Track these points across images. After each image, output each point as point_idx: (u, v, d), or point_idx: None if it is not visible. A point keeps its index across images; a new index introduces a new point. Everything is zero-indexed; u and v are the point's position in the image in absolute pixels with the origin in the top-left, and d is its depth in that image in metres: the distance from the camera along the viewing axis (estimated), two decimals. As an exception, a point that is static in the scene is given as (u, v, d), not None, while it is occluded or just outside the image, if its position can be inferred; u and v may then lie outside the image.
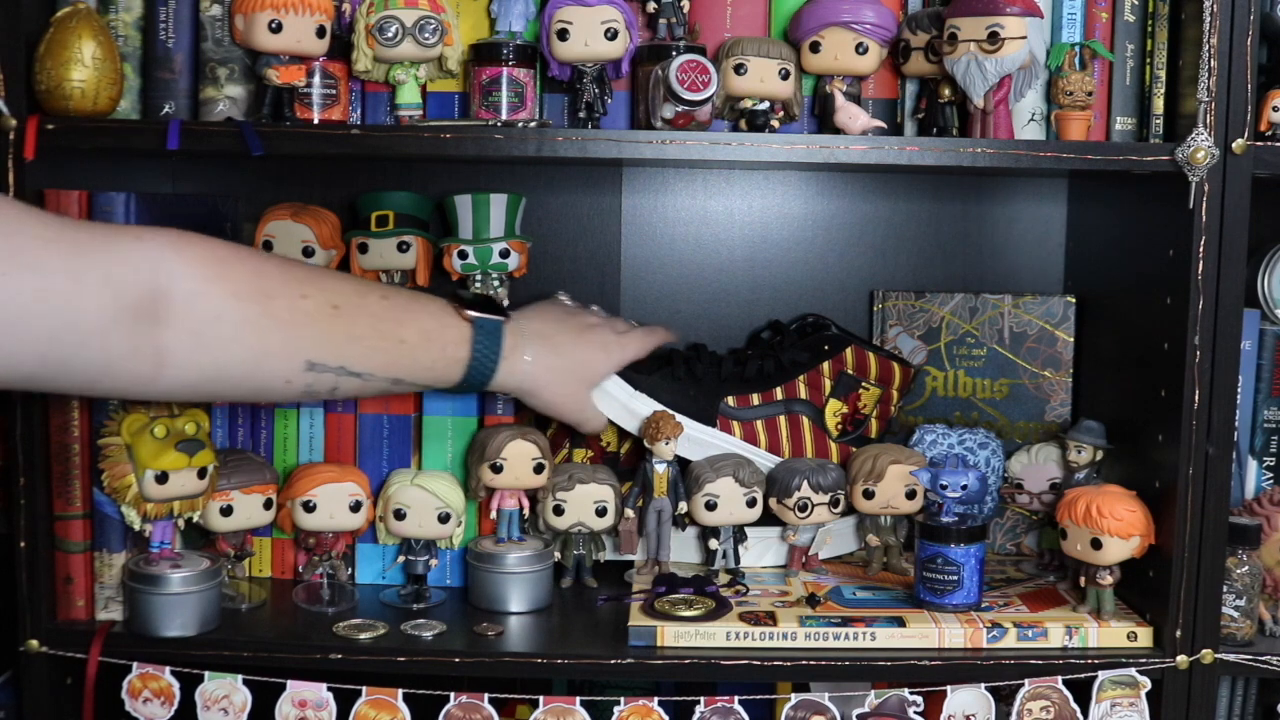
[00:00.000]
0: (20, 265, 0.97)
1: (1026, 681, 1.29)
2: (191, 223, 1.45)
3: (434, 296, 1.26)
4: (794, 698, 1.28)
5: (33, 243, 0.99)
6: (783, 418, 1.44)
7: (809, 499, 1.44)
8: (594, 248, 1.65)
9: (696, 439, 1.43)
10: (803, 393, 1.45)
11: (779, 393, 1.45)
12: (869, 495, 1.45)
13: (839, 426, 1.46)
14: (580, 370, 1.34)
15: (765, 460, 1.44)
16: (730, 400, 1.43)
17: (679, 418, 1.39)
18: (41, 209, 1.09)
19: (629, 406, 1.40)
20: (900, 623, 1.32)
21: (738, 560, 1.46)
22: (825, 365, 1.46)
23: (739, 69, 1.34)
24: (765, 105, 1.36)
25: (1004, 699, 1.31)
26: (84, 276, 1.01)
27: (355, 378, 1.17)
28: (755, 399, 1.44)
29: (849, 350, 1.47)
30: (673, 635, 1.30)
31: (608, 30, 1.32)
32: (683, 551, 1.50)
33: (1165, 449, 1.31)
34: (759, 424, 1.44)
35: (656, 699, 1.28)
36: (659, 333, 1.44)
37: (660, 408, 1.39)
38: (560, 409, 1.35)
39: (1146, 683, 1.29)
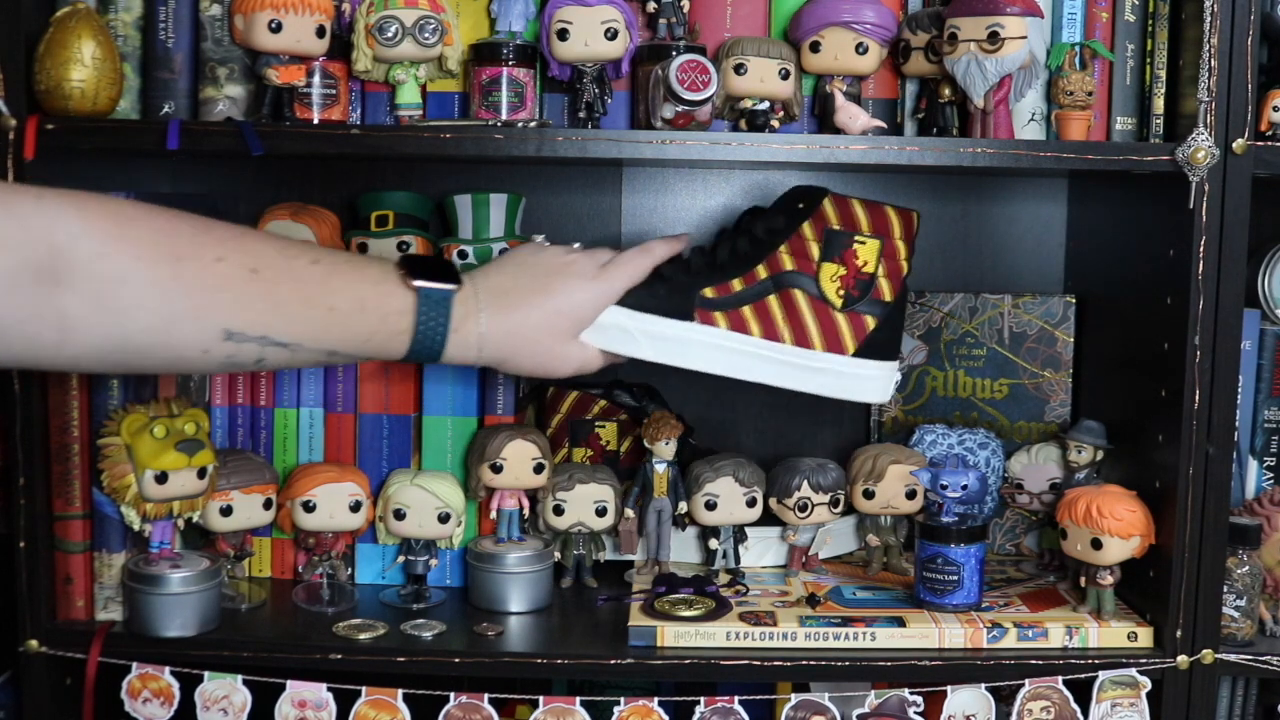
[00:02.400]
0: None
1: (1027, 682, 1.28)
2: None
3: (380, 260, 1.14)
4: (794, 698, 1.28)
5: None
6: (773, 297, 1.24)
7: (809, 499, 1.44)
8: (594, 248, 1.65)
9: (676, 338, 1.23)
10: (788, 264, 1.25)
11: (762, 271, 1.25)
12: (869, 495, 1.45)
13: (841, 293, 1.25)
14: (556, 320, 1.18)
15: (764, 350, 1.24)
16: (708, 292, 1.23)
17: (646, 318, 1.23)
18: None
19: (606, 325, 1.21)
20: (900, 623, 1.32)
21: (738, 560, 1.46)
22: (805, 227, 1.26)
23: (739, 69, 1.33)
24: (765, 105, 1.36)
25: (1004, 699, 1.31)
26: None
27: (281, 348, 1.07)
28: (736, 284, 1.24)
29: (827, 202, 1.27)
30: (673, 635, 1.30)
31: (608, 30, 1.32)
32: (683, 551, 1.50)
33: (1165, 449, 1.31)
34: (746, 310, 1.23)
35: (656, 699, 1.28)
36: (657, 245, 1.26)
37: (626, 313, 1.21)
38: (539, 370, 1.20)
39: (1147, 683, 1.29)
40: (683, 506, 1.44)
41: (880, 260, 1.27)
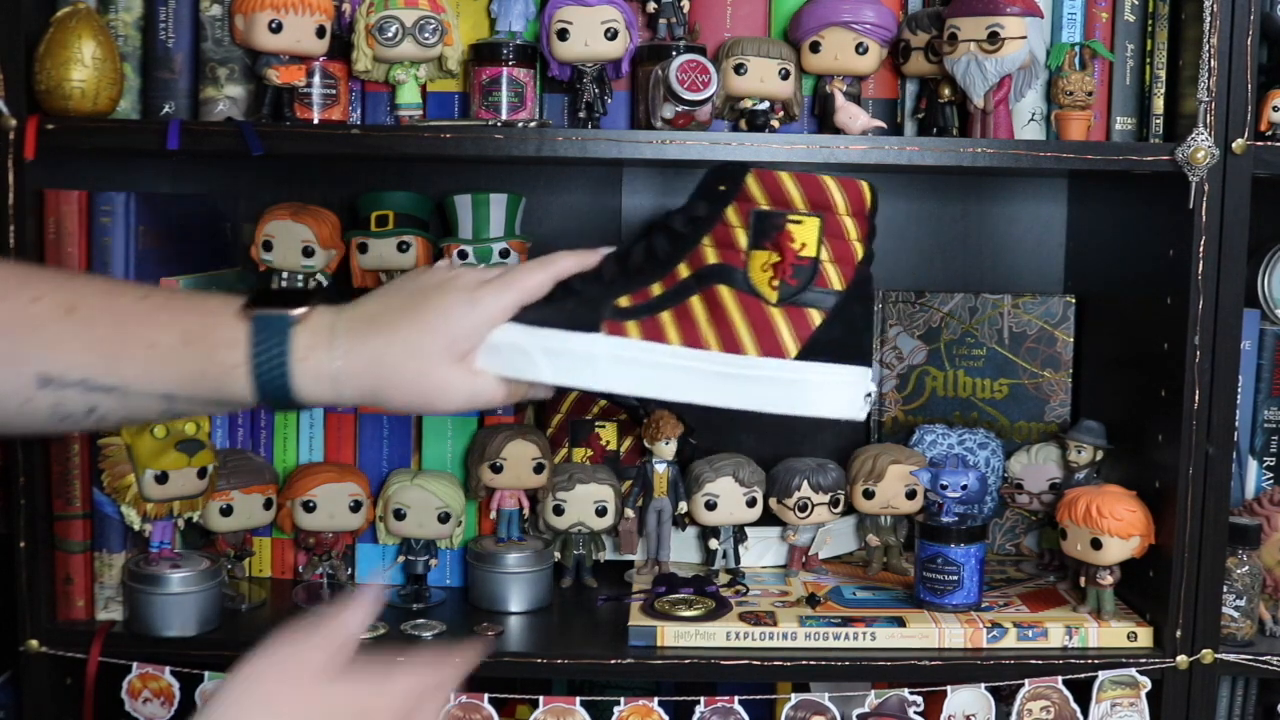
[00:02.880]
0: None
1: (1026, 681, 1.28)
2: (192, 223, 1.46)
3: (227, 296, 0.99)
4: (794, 698, 1.28)
5: None
6: (695, 298, 1.02)
7: (809, 499, 1.44)
8: (594, 247, 1.64)
9: (578, 355, 1.01)
10: (712, 257, 1.03)
11: (684, 269, 1.03)
12: (869, 495, 1.45)
13: (775, 284, 1.03)
14: (427, 342, 1.00)
15: (684, 361, 1.01)
16: (622, 301, 1.02)
17: (547, 333, 1.01)
18: None
19: (499, 345, 1.00)
20: (900, 623, 1.32)
21: (738, 560, 1.46)
22: (729, 212, 1.04)
23: (739, 69, 1.33)
24: (765, 105, 1.36)
25: (1004, 699, 1.31)
26: None
27: (108, 394, 0.95)
28: (656, 289, 1.03)
29: (749, 178, 1.04)
30: (673, 635, 1.30)
31: (608, 30, 1.32)
32: (683, 551, 1.50)
33: (1165, 449, 1.31)
34: (665, 316, 1.01)
35: (656, 699, 1.28)
36: (562, 258, 1.06)
37: (521, 330, 1.00)
38: (418, 403, 1.01)
39: (1146, 683, 1.29)
40: (683, 506, 1.44)
41: (822, 241, 1.04)
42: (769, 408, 1.01)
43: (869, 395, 1.02)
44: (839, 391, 1.01)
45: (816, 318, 1.02)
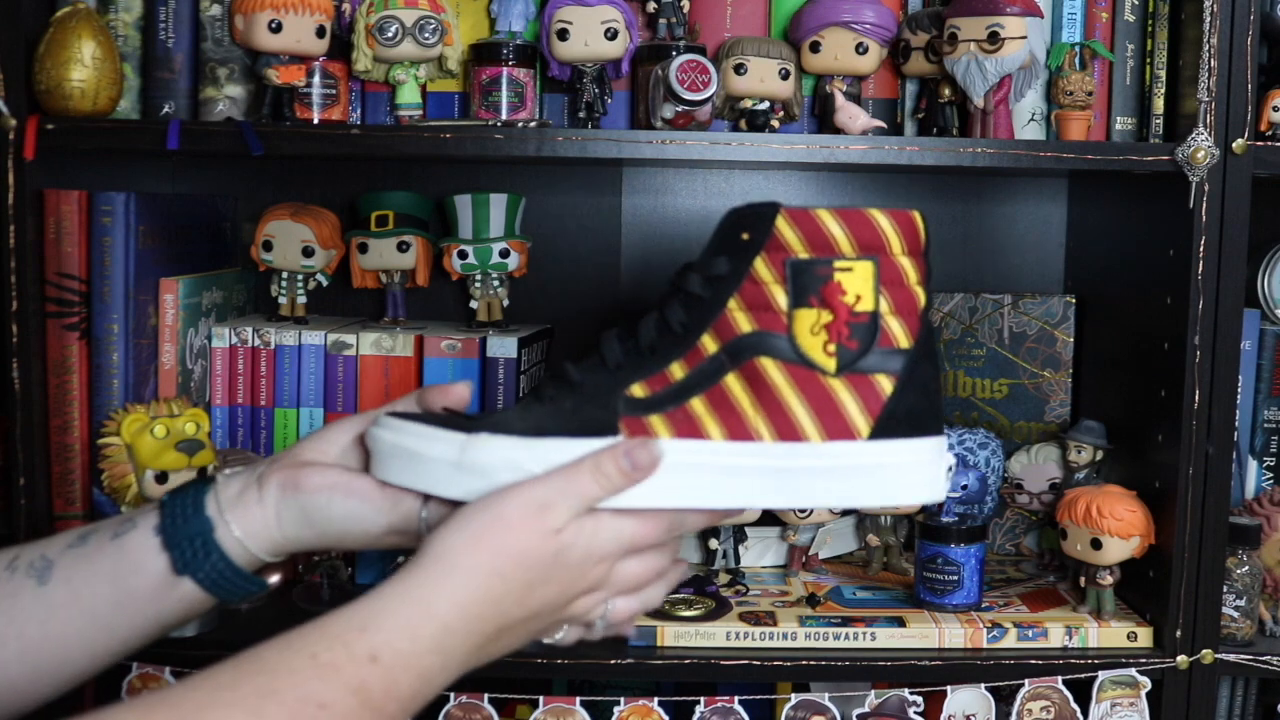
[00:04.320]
0: None
1: (1026, 681, 1.28)
2: (192, 223, 1.46)
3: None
4: (794, 698, 1.28)
5: None
6: (732, 376, 0.83)
7: (809, 499, 1.43)
8: (594, 248, 1.65)
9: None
10: (744, 324, 0.84)
11: (710, 343, 0.84)
12: (869, 495, 1.45)
13: (832, 349, 0.83)
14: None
15: (735, 458, 0.83)
16: (636, 390, 0.83)
17: (552, 444, 0.82)
18: None
19: (488, 468, 0.81)
20: (900, 623, 1.32)
21: (738, 560, 1.46)
22: (759, 264, 0.84)
23: (739, 69, 1.33)
24: (765, 105, 1.36)
25: (1004, 699, 1.31)
26: None
27: None
28: (676, 370, 0.84)
29: (780, 220, 0.84)
30: (673, 635, 1.30)
31: (608, 30, 1.32)
32: (683, 551, 1.50)
33: (1165, 449, 1.31)
34: (697, 404, 0.83)
35: (656, 699, 1.28)
36: (428, 392, 0.93)
37: (516, 443, 0.82)
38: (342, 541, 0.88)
39: (1146, 683, 1.29)
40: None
41: (880, 290, 0.85)
42: (846, 502, 0.85)
43: (950, 469, 0.88)
44: (928, 473, 0.86)
45: (887, 386, 0.85)
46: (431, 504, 0.84)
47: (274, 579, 0.91)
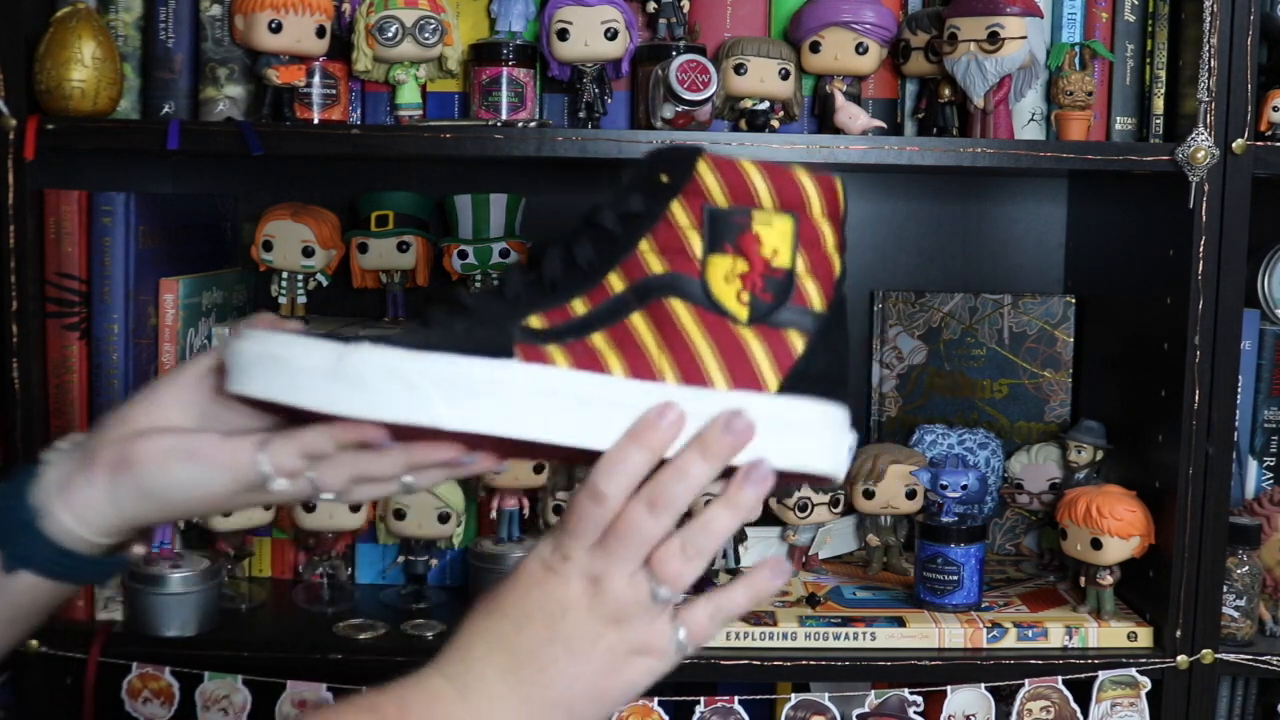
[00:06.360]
0: None
1: (1026, 681, 1.28)
2: (192, 223, 1.46)
3: None
4: (794, 698, 1.28)
5: None
6: (638, 315, 0.78)
7: (809, 499, 1.44)
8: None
9: (487, 384, 0.75)
10: (656, 264, 0.79)
11: (616, 281, 0.79)
12: (869, 495, 1.45)
13: (745, 298, 0.79)
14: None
15: (630, 395, 0.77)
16: (533, 321, 0.78)
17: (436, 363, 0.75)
18: None
19: (366, 378, 0.74)
20: (900, 623, 1.32)
21: (738, 560, 1.46)
22: (675, 205, 0.80)
23: (739, 69, 1.33)
24: (765, 105, 1.36)
25: (1004, 699, 1.31)
26: None
27: None
28: (578, 306, 0.79)
29: (702, 164, 0.80)
30: (673, 635, 1.30)
31: (608, 30, 1.32)
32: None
33: (1165, 449, 1.31)
34: (598, 338, 0.78)
35: (656, 699, 1.28)
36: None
37: (401, 355, 0.74)
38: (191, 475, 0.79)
39: (1146, 683, 1.29)
40: (683, 506, 1.43)
41: (797, 248, 0.80)
42: (745, 456, 0.78)
43: (850, 447, 0.83)
44: (826, 437, 0.81)
45: (799, 344, 0.80)
46: (274, 446, 0.77)
47: (137, 550, 0.85)
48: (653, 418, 0.76)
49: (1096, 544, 1.30)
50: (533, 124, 1.34)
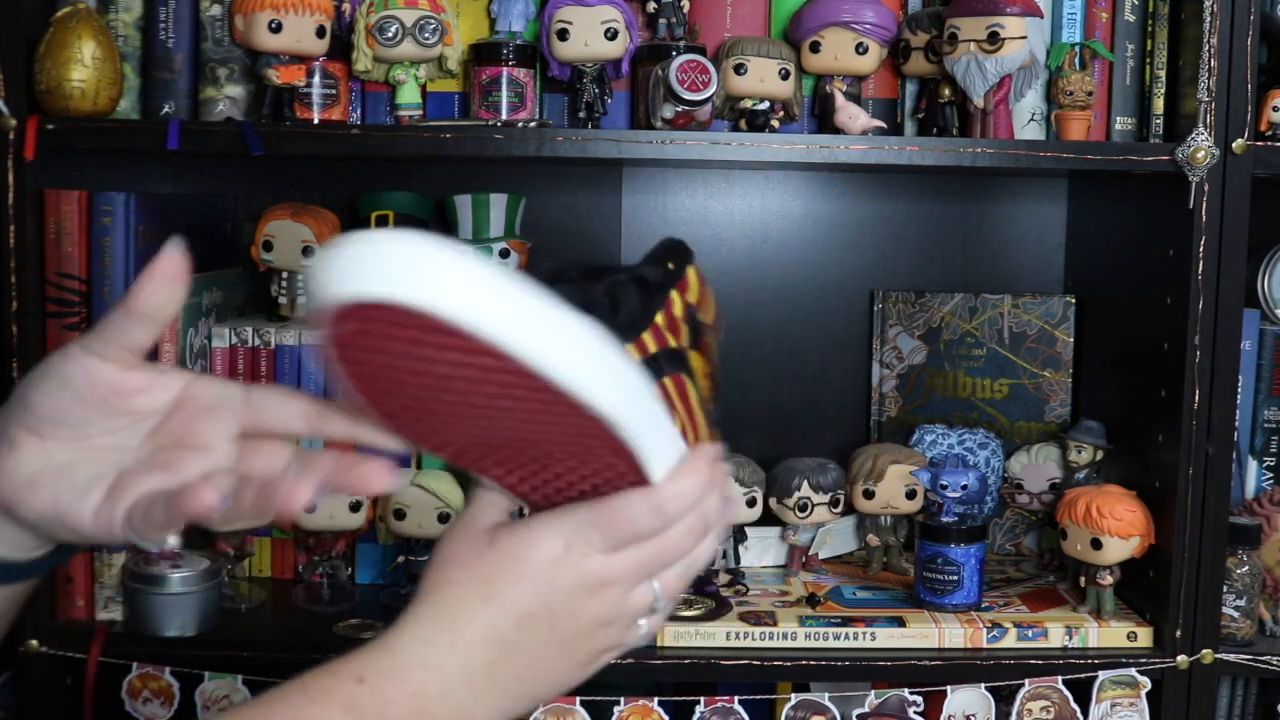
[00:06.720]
0: None
1: (1026, 681, 1.28)
2: (192, 223, 1.46)
3: None
4: (794, 698, 1.28)
5: None
6: (669, 381, 0.75)
7: (809, 499, 1.44)
8: (594, 248, 1.65)
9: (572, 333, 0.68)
10: (671, 339, 0.77)
11: (650, 342, 0.76)
12: (869, 495, 1.45)
13: (709, 403, 0.79)
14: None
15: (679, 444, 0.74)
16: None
17: None
18: None
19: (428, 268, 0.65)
20: (900, 623, 1.32)
21: (738, 560, 1.46)
22: (675, 296, 0.79)
23: (739, 69, 1.33)
24: (765, 105, 1.36)
25: (1004, 699, 1.31)
26: None
27: None
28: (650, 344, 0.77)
29: (691, 272, 0.81)
30: (673, 635, 1.30)
31: (608, 30, 1.32)
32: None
33: (1165, 449, 1.31)
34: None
35: (656, 699, 1.28)
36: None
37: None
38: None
39: (1146, 683, 1.29)
40: (683, 506, 1.43)
41: (706, 379, 0.80)
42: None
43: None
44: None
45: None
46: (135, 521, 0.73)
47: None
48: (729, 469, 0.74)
49: (1096, 544, 1.30)
50: (533, 124, 1.34)
